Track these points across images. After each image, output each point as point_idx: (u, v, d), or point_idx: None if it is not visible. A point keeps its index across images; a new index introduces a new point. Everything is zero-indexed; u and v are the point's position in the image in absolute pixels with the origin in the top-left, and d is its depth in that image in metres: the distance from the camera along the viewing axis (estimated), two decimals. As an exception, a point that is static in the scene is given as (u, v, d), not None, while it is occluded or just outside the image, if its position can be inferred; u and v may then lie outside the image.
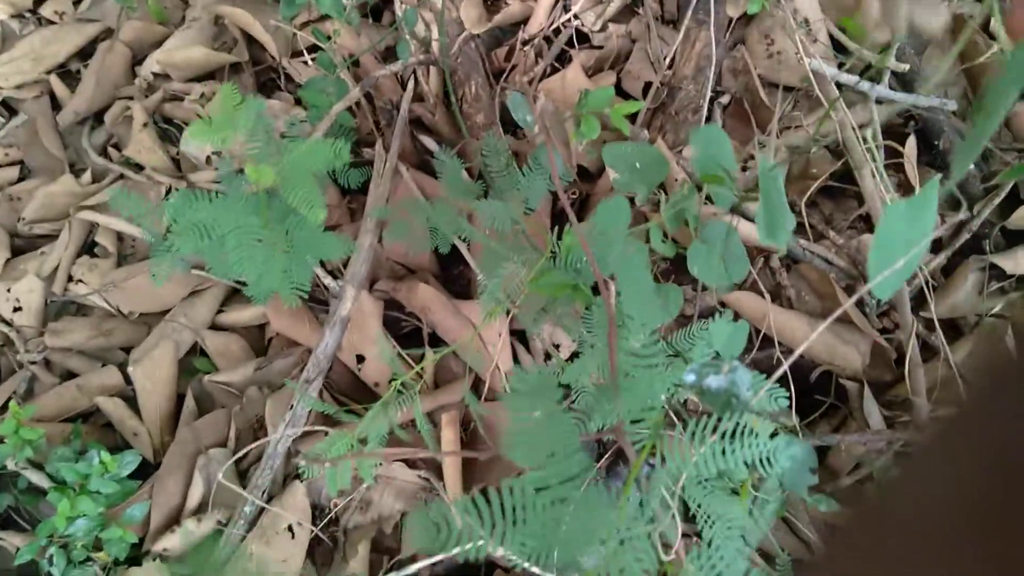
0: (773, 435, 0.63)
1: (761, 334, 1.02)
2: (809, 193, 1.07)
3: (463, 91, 1.14)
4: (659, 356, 0.63)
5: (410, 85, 1.09)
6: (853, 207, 1.11)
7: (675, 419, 0.79)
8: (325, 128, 0.98)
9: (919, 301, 1.01)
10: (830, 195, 1.12)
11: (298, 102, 1.36)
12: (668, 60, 1.12)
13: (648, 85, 1.14)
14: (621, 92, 1.19)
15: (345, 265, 1.13)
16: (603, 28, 1.22)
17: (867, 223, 1.09)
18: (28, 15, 1.53)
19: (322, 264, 1.08)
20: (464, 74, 1.15)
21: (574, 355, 1.01)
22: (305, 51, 1.28)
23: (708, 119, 1.12)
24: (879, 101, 1.11)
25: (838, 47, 1.14)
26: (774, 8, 1.08)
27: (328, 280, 0.99)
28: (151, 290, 1.17)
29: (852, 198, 1.12)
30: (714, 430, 0.61)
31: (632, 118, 1.09)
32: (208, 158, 1.31)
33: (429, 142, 1.11)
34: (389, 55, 1.33)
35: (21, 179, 1.36)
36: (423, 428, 0.75)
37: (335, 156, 0.77)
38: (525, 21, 1.23)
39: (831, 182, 1.11)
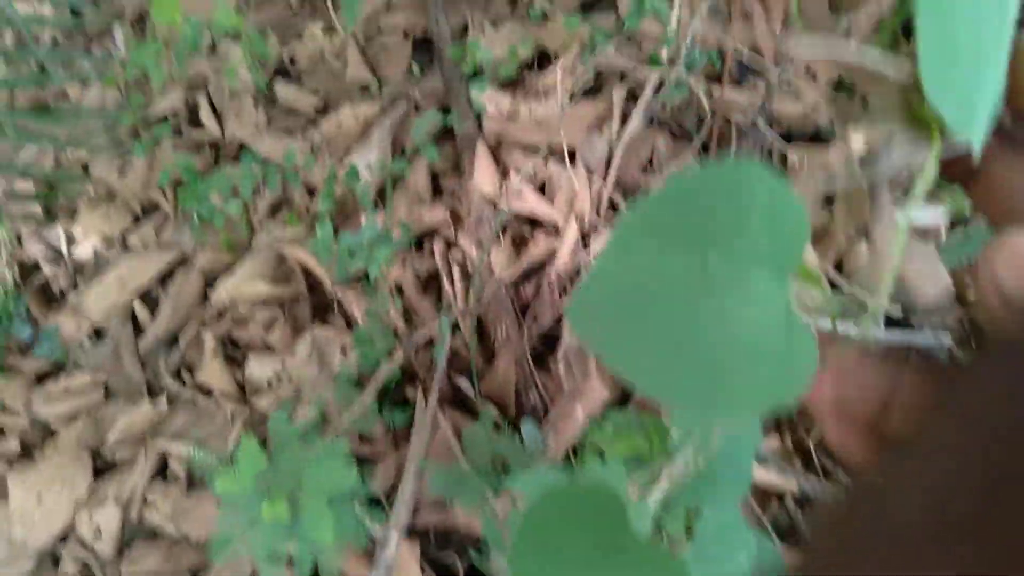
0: None
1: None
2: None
3: (495, 334, 1.27)
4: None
5: (447, 337, 1.22)
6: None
7: None
8: (375, 391, 1.11)
9: None
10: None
11: (350, 325, 1.51)
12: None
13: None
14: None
15: (388, 498, 1.23)
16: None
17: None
18: (117, 244, 1.74)
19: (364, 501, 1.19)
20: (495, 316, 1.28)
21: None
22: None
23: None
24: (879, 337, 1.19)
25: (832, 283, 1.24)
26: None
27: (376, 528, 1.09)
28: (214, 520, 1.29)
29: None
30: None
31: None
32: (269, 382, 1.46)
33: (465, 385, 1.23)
34: (429, 283, 1.48)
35: (106, 399, 1.52)
36: None
37: (344, 478, 0.88)
38: (550, 259, 1.37)
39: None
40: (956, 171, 0.25)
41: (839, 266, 1.24)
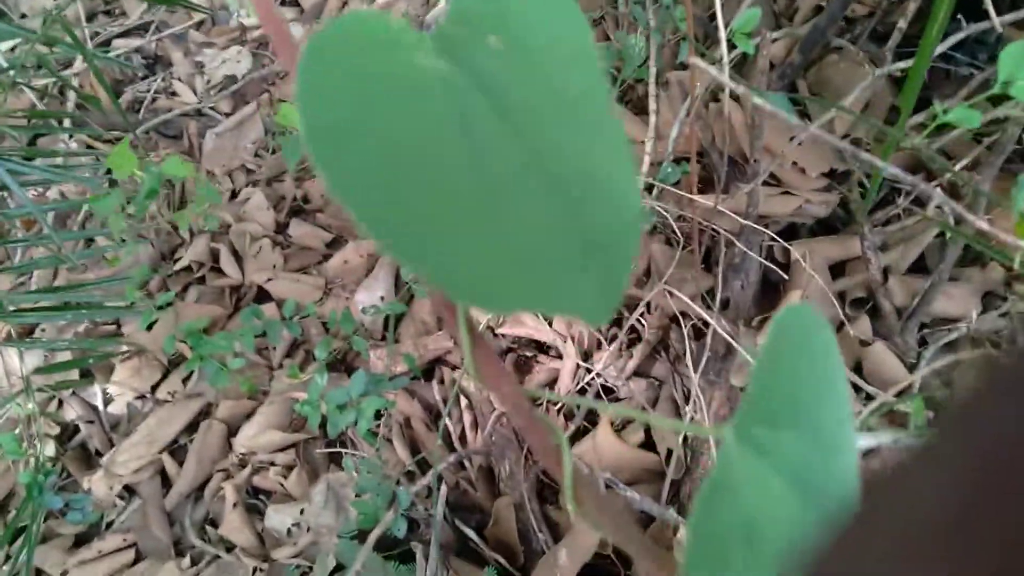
0: None
1: None
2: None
3: (498, 470, 1.22)
4: None
5: (443, 492, 1.19)
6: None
7: None
8: (370, 548, 1.07)
9: None
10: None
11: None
12: (688, 417, 1.16)
13: (670, 452, 1.18)
14: (650, 445, 1.24)
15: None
16: (626, 381, 1.29)
17: None
18: (148, 396, 1.80)
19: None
20: (499, 453, 1.24)
21: None
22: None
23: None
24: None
25: (855, 388, 1.14)
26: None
27: None
28: None
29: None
30: None
31: (657, 496, 1.12)
32: (289, 530, 1.44)
33: (467, 531, 1.18)
34: (439, 415, 1.45)
35: (136, 561, 1.54)
36: None
37: None
38: (552, 383, 1.33)
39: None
40: None
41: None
